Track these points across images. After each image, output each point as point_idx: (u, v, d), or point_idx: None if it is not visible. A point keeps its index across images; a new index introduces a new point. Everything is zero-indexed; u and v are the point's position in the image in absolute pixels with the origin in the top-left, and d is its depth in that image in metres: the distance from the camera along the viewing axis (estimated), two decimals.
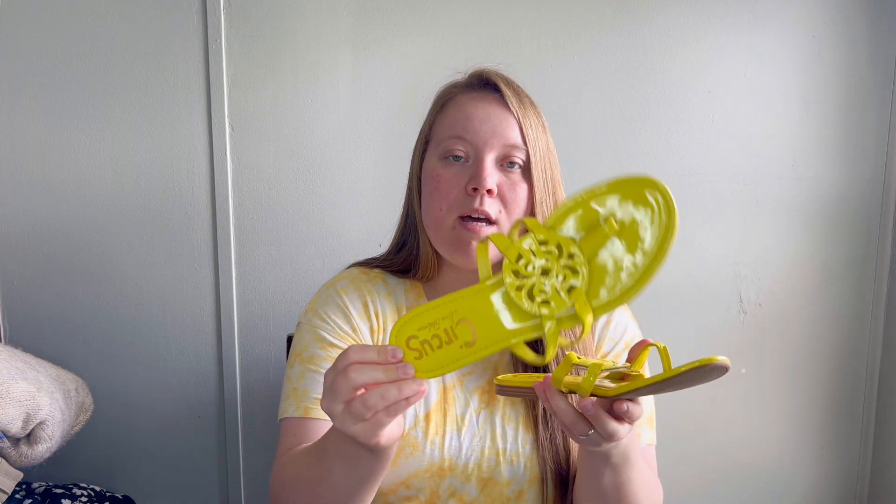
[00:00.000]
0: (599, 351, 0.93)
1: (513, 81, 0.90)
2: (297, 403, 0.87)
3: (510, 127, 0.86)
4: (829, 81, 1.40)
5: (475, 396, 0.90)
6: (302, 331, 0.92)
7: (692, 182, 1.40)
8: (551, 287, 0.61)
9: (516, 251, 0.61)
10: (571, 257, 0.61)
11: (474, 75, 0.92)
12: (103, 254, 1.34)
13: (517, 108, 0.87)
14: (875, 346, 1.48)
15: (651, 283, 0.59)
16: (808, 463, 1.52)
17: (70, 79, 1.29)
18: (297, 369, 0.89)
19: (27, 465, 1.08)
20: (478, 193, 0.84)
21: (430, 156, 0.90)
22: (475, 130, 0.86)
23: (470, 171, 0.85)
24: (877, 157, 1.43)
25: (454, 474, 0.87)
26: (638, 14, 1.35)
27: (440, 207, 0.86)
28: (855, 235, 1.45)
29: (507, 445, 0.88)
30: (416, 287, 0.95)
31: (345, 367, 0.61)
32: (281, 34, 1.31)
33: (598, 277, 0.61)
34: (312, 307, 0.93)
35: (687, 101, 1.38)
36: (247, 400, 1.40)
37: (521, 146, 0.86)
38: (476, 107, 0.87)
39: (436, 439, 0.87)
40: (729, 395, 1.48)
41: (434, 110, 0.92)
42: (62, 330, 1.36)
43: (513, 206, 0.85)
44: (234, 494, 1.43)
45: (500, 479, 0.88)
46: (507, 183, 0.85)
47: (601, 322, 0.93)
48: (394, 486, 0.87)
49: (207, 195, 1.34)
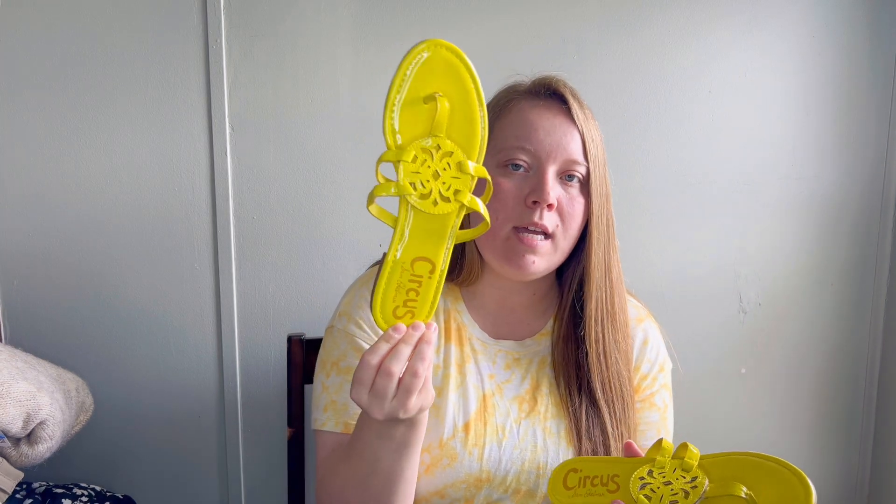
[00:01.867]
0: (639, 371, 0.93)
1: (577, 93, 0.88)
2: (336, 418, 0.86)
3: (574, 141, 0.84)
4: (829, 81, 1.40)
5: (515, 406, 0.89)
6: (337, 337, 0.89)
7: (692, 182, 1.40)
8: (438, 182, 0.67)
9: (409, 165, 0.66)
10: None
11: (540, 83, 0.89)
12: (103, 253, 1.34)
13: (582, 122, 0.85)
14: (875, 346, 1.49)
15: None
16: (808, 463, 1.52)
17: (69, 79, 1.29)
18: (334, 380, 0.87)
19: (27, 465, 1.08)
20: (538, 207, 0.82)
21: (490, 160, 0.87)
22: (539, 141, 0.84)
23: (531, 184, 0.83)
24: (876, 158, 1.43)
25: (492, 486, 0.86)
26: (638, 14, 1.35)
27: (496, 217, 0.84)
28: (855, 235, 1.45)
29: (548, 458, 0.87)
30: (453, 291, 0.93)
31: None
32: (281, 34, 1.31)
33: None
34: (347, 311, 0.90)
35: (687, 101, 1.38)
36: (247, 400, 1.40)
37: (583, 161, 0.84)
38: (541, 116, 0.85)
39: (474, 450, 0.86)
40: (729, 395, 1.48)
41: (494, 112, 0.89)
42: (62, 330, 1.35)
43: (569, 220, 0.85)
44: (234, 494, 1.43)
45: (537, 492, 0.87)
46: (565, 197, 0.84)
47: (639, 341, 0.94)
48: (428, 496, 0.86)
49: (207, 195, 1.34)
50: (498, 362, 0.91)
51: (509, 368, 0.91)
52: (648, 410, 0.93)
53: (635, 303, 0.97)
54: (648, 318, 0.96)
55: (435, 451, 0.85)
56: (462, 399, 0.88)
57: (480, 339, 0.91)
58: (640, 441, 0.92)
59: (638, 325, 0.94)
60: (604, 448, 0.87)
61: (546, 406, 0.89)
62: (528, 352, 0.92)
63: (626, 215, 1.40)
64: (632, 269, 1.40)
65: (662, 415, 0.94)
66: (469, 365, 0.90)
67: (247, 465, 1.42)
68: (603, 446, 0.87)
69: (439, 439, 0.86)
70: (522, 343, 0.92)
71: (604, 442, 0.87)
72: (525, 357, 0.92)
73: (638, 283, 1.39)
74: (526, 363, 0.91)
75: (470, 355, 0.90)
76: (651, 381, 0.93)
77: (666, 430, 0.95)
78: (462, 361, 0.90)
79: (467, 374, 0.89)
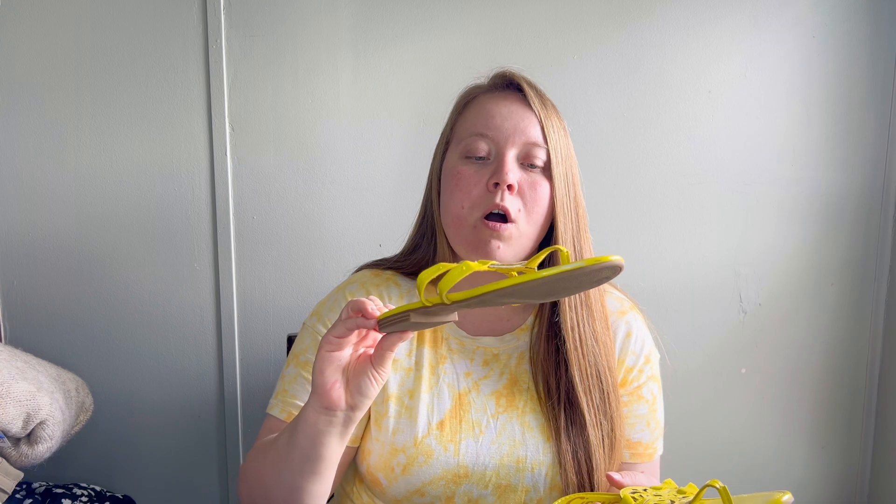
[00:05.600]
0: (623, 364, 0.92)
1: (535, 83, 0.90)
2: (282, 405, 0.88)
3: (532, 125, 0.86)
4: (829, 82, 1.40)
5: (492, 401, 0.89)
6: (304, 333, 0.92)
7: (692, 182, 1.40)
8: None
9: None
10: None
11: (497, 76, 0.91)
12: (103, 254, 1.34)
13: (539, 107, 0.87)
14: (875, 346, 1.49)
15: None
16: (808, 463, 1.53)
17: (70, 79, 1.29)
18: (291, 371, 0.89)
19: (27, 465, 1.08)
20: (499, 189, 0.83)
21: (451, 154, 0.89)
22: (497, 127, 0.85)
23: (491, 168, 0.85)
24: (877, 157, 1.43)
25: (470, 481, 0.86)
26: (638, 14, 1.35)
27: (462, 205, 0.85)
28: (855, 235, 1.45)
29: (527, 453, 0.87)
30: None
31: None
32: (281, 34, 1.31)
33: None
34: (318, 310, 0.93)
35: (687, 101, 1.38)
36: (247, 400, 1.40)
37: (542, 145, 0.85)
38: (498, 105, 0.87)
39: (450, 446, 0.86)
40: (729, 395, 1.48)
41: (456, 111, 0.92)
42: (62, 330, 1.36)
43: (532, 204, 0.85)
44: (235, 494, 1.43)
45: (518, 486, 0.87)
46: (527, 181, 0.85)
47: (622, 334, 0.93)
48: (408, 495, 0.86)
49: (207, 195, 1.34)
50: (476, 359, 0.91)
51: (487, 365, 0.91)
52: (637, 403, 0.93)
53: (619, 295, 0.97)
54: (633, 311, 0.95)
55: (410, 450, 0.86)
56: (435, 399, 0.88)
57: (458, 337, 0.92)
58: (629, 434, 0.92)
59: (621, 318, 0.94)
60: (585, 448, 0.87)
61: (525, 401, 0.89)
62: (507, 347, 0.92)
63: (627, 215, 1.41)
64: (632, 269, 1.40)
65: (651, 407, 0.93)
66: (444, 365, 0.90)
67: None
68: (584, 446, 0.87)
69: (414, 438, 0.86)
70: (501, 339, 0.92)
71: (584, 441, 0.86)
72: (504, 353, 0.92)
73: (638, 282, 1.40)
74: (505, 358, 0.91)
75: (446, 355, 0.91)
76: (637, 374, 0.93)
77: (655, 422, 0.94)
78: (436, 362, 0.90)
79: (441, 374, 0.90)
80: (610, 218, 1.40)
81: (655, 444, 0.94)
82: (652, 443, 0.94)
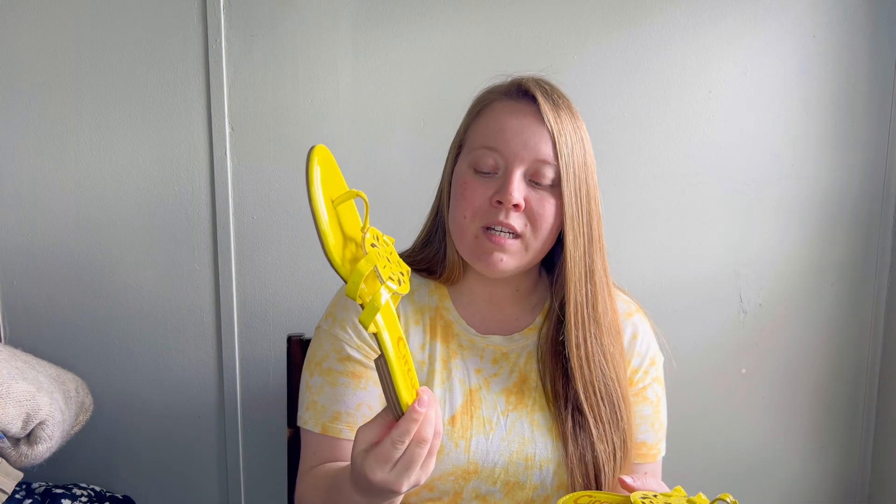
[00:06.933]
0: (629, 366, 0.92)
1: (553, 91, 0.88)
2: (315, 419, 0.87)
3: (543, 141, 0.84)
4: (829, 81, 1.40)
5: (502, 398, 0.89)
6: (321, 338, 0.91)
7: (692, 182, 1.40)
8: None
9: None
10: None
11: (513, 83, 0.89)
12: (103, 254, 1.34)
13: (552, 122, 0.84)
14: (875, 346, 1.48)
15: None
16: (808, 463, 1.52)
17: (69, 79, 1.29)
18: (316, 380, 0.89)
19: (27, 465, 1.08)
20: (503, 207, 0.83)
21: (462, 161, 0.88)
22: (506, 142, 0.84)
23: (497, 184, 0.84)
24: (876, 157, 1.43)
25: (479, 477, 0.87)
26: (638, 14, 1.35)
27: (464, 215, 0.85)
28: (855, 235, 1.45)
29: (536, 450, 0.87)
30: (441, 289, 0.94)
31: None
32: (281, 34, 1.31)
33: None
34: (332, 312, 0.92)
35: (687, 101, 1.38)
36: (247, 400, 1.40)
37: (552, 162, 0.84)
38: (510, 117, 0.85)
39: (461, 442, 0.86)
40: (729, 395, 1.48)
41: (471, 114, 0.90)
42: (62, 330, 1.36)
43: (539, 221, 0.84)
44: (234, 494, 1.43)
45: (526, 483, 0.87)
46: (535, 198, 0.84)
47: (628, 335, 0.93)
48: (416, 489, 0.86)
49: (207, 195, 1.34)
50: (486, 357, 0.91)
51: (497, 363, 0.91)
52: (641, 404, 0.93)
53: (624, 297, 0.97)
54: (638, 313, 0.96)
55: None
56: (447, 394, 0.89)
57: (468, 334, 0.92)
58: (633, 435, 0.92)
59: (627, 320, 0.94)
60: (592, 451, 0.87)
61: (534, 399, 0.90)
62: (516, 346, 0.92)
63: (626, 215, 1.40)
64: (632, 269, 1.41)
65: (655, 408, 0.94)
66: (455, 360, 0.90)
67: (247, 465, 1.42)
68: (591, 449, 0.87)
69: None
70: (510, 338, 0.92)
71: (591, 446, 0.87)
72: (513, 351, 0.92)
73: (638, 283, 1.40)
74: (514, 357, 0.92)
75: (457, 351, 0.91)
76: (643, 375, 0.93)
77: (659, 423, 0.95)
78: (448, 357, 0.90)
79: (453, 369, 0.90)
80: (610, 218, 1.39)
81: (659, 445, 0.95)
82: (655, 444, 0.94)
